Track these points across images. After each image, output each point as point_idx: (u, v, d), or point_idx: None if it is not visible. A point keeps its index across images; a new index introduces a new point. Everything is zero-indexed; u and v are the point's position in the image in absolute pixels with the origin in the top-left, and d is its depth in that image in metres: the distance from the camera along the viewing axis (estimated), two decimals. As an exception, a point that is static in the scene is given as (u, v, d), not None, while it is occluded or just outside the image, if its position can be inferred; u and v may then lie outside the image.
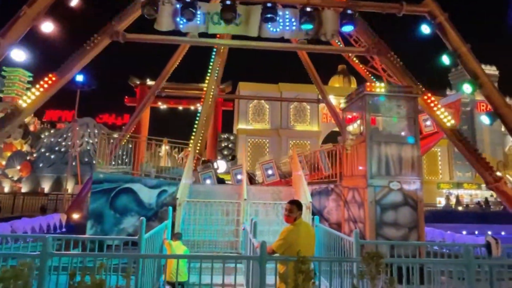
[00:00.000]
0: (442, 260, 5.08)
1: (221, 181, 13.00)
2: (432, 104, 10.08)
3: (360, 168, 9.06)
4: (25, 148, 39.80)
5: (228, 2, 9.67)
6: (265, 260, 3.75)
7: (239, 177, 11.21)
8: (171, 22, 10.13)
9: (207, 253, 7.81)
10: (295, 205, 4.31)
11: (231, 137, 35.43)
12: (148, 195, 10.09)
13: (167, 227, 6.67)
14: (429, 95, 10.06)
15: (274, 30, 10.37)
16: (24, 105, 8.79)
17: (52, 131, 42.44)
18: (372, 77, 14.91)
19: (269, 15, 10.04)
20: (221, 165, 17.30)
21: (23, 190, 33.63)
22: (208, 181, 12.11)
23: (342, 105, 10.38)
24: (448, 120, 10.11)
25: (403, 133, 9.43)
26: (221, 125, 36.74)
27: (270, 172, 11.84)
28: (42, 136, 40.61)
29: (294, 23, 10.34)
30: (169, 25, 10.13)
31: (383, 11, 10.44)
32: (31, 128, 43.09)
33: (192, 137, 14.66)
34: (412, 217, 8.61)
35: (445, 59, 9.28)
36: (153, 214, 9.97)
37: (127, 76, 34.77)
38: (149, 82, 34.36)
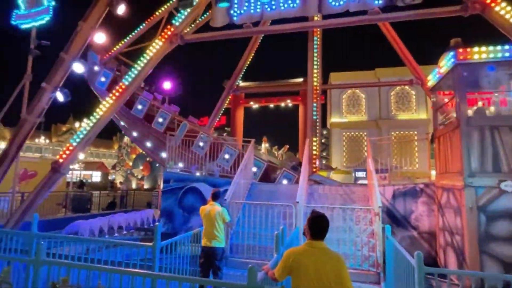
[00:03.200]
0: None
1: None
2: None
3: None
4: (146, 151, 46.37)
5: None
6: (252, 291, 2.80)
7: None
8: (225, 17, 9.86)
9: (257, 261, 7.07)
10: (308, 220, 3.12)
11: (324, 132, 33.69)
12: (211, 195, 9.95)
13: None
14: None
15: (336, 4, 8.88)
16: (100, 113, 9.74)
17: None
18: None
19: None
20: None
21: (145, 187, 39.10)
22: (254, 169, 11.06)
23: (430, 83, 8.15)
24: None
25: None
26: (313, 120, 35.32)
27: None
28: (160, 140, 46.63)
29: (360, -9, 8.65)
30: (224, 19, 9.87)
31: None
32: (150, 133, 49.95)
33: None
34: (540, 230, 6.04)
35: None
36: (216, 214, 9.78)
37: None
38: (242, 83, 35.74)
